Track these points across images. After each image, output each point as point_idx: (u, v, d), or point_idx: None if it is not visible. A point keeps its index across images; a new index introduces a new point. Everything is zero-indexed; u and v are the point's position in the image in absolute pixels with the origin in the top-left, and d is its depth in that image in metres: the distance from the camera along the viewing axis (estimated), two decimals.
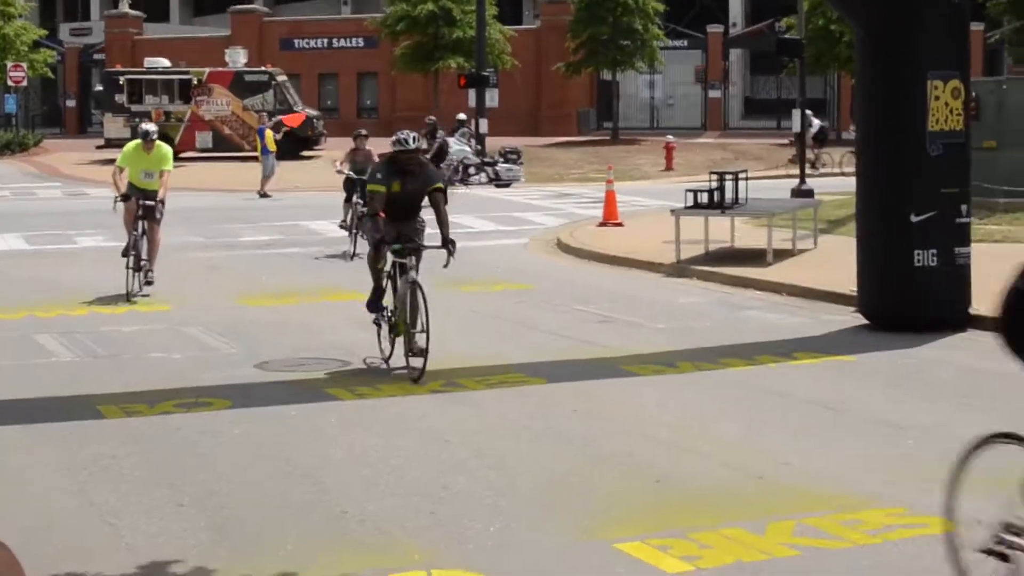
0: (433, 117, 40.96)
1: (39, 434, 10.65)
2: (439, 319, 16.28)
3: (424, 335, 12.79)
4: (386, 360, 13.33)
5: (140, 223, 18.29)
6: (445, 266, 13.00)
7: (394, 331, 13.23)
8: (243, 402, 11.73)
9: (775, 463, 9.55)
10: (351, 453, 9.95)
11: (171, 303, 17.63)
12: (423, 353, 12.67)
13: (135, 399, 11.81)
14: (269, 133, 37.75)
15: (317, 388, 12.33)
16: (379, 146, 31.92)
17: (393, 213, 13.01)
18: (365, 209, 21.72)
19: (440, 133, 38.08)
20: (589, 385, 12.38)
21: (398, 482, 9.12)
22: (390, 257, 13.41)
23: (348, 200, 23.45)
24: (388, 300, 13.54)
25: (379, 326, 13.60)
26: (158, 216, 18.35)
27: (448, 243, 12.92)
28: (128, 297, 17.72)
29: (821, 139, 43.35)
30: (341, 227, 23.70)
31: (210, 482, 9.18)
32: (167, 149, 18.32)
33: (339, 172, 23.73)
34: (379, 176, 13.18)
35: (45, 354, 14.21)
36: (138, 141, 18.32)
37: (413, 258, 13.09)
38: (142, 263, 18.24)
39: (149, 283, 18.24)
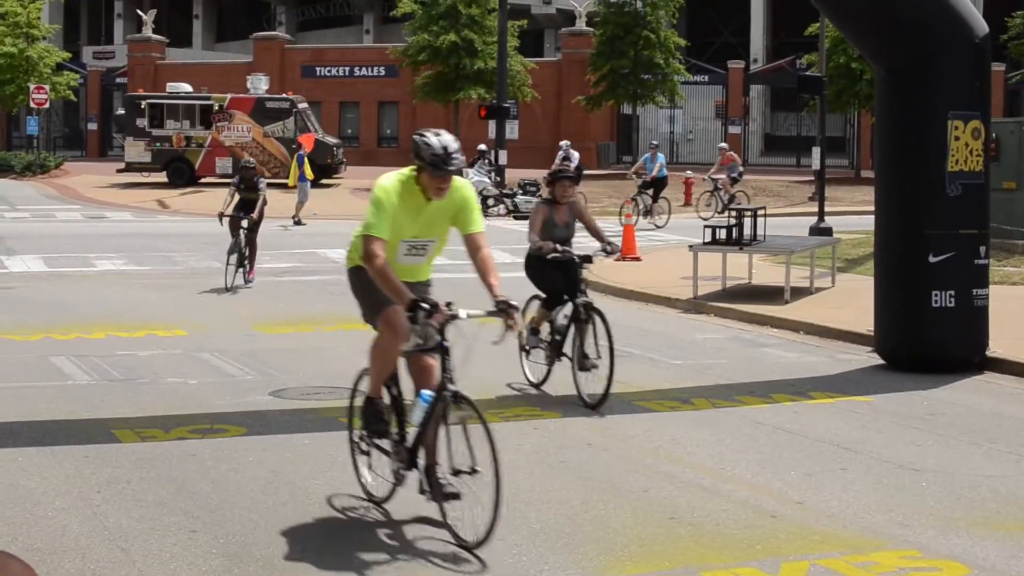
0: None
1: (53, 456, 10.66)
2: (454, 350, 16.25)
3: None
4: None
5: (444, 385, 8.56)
6: None
7: None
8: (258, 429, 11.73)
9: (789, 502, 9.52)
10: None
11: (187, 328, 17.65)
12: None
13: (150, 423, 11.82)
14: (307, 161, 38.23)
15: (332, 417, 12.31)
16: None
17: None
18: (575, 311, 13.19)
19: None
20: (604, 419, 12.36)
21: (410, 512, 9.10)
22: None
23: (551, 298, 13.50)
24: None
25: None
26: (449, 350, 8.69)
27: None
28: None
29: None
30: (534, 343, 13.91)
31: (223, 508, 9.18)
32: (471, 191, 8.94)
33: (539, 247, 13.56)
34: None
35: (61, 376, 14.23)
36: (409, 173, 8.64)
37: None
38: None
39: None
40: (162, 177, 52.25)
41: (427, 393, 8.56)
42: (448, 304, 8.39)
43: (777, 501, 9.54)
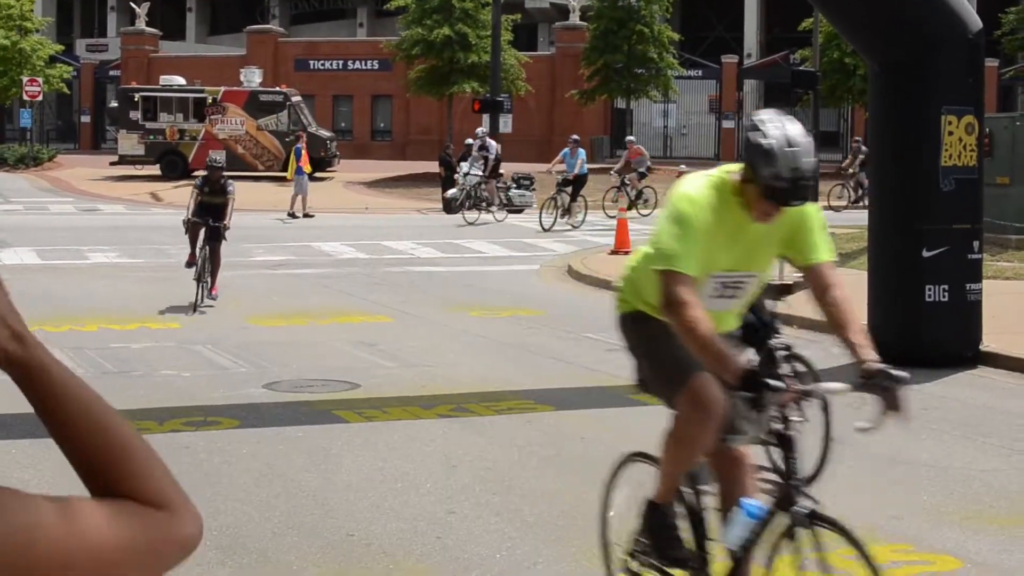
0: None
1: (45, 448, 10.65)
2: (448, 343, 16.31)
3: None
4: None
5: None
6: None
7: None
8: (251, 422, 11.73)
9: None
10: (358, 476, 9.94)
11: (181, 321, 17.65)
12: None
13: (143, 416, 11.81)
14: (305, 153, 38.22)
15: (325, 410, 12.32)
16: (391, 168, 31.90)
17: None
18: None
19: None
20: (598, 413, 12.37)
21: (404, 506, 9.11)
22: None
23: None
24: None
25: None
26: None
27: None
28: None
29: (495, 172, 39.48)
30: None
31: (216, 501, 9.17)
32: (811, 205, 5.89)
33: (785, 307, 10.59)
34: None
35: None
36: (722, 176, 5.87)
37: None
38: None
39: None
40: (155, 170, 52.18)
41: (755, 505, 5.91)
42: (796, 373, 5.66)
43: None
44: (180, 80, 55.08)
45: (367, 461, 10.40)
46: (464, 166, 41.04)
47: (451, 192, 40.19)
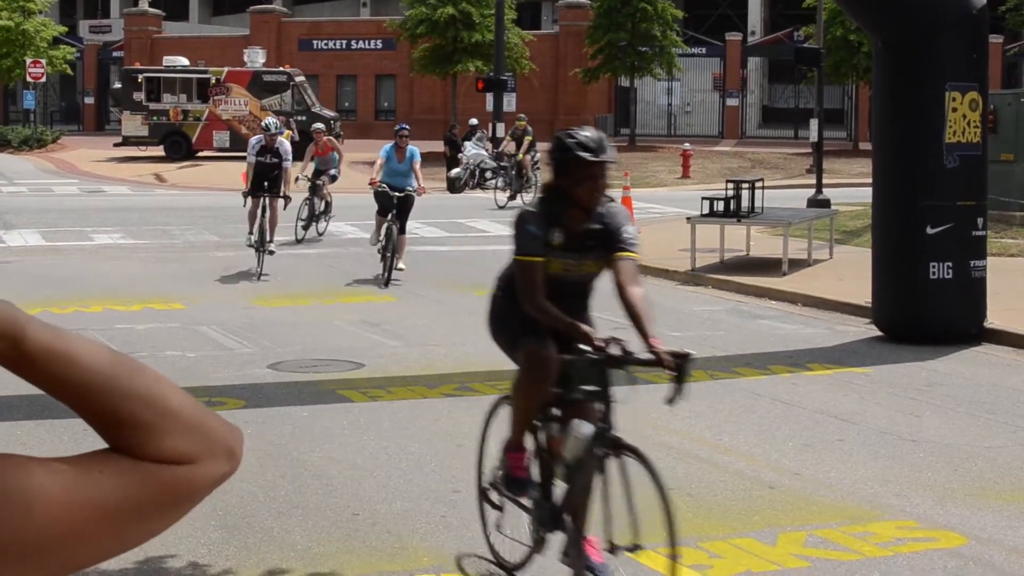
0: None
1: (52, 430, 10.68)
2: (453, 323, 16.33)
3: None
4: None
5: None
6: None
7: None
8: (256, 402, 11.75)
9: (787, 473, 9.54)
10: (362, 455, 9.96)
11: (186, 302, 17.66)
12: None
13: None
14: (286, 137, 37.99)
15: (330, 389, 12.34)
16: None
17: None
18: None
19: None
20: None
21: (409, 485, 9.13)
22: None
23: None
24: None
25: None
26: None
27: None
28: None
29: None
30: None
31: None
32: None
33: None
34: None
35: None
36: None
37: None
38: None
39: None
40: (159, 151, 52.18)
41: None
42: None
43: (774, 472, 9.56)
44: (183, 61, 55.04)
45: (372, 440, 10.42)
46: (468, 146, 41.04)
47: (455, 171, 40.18)
